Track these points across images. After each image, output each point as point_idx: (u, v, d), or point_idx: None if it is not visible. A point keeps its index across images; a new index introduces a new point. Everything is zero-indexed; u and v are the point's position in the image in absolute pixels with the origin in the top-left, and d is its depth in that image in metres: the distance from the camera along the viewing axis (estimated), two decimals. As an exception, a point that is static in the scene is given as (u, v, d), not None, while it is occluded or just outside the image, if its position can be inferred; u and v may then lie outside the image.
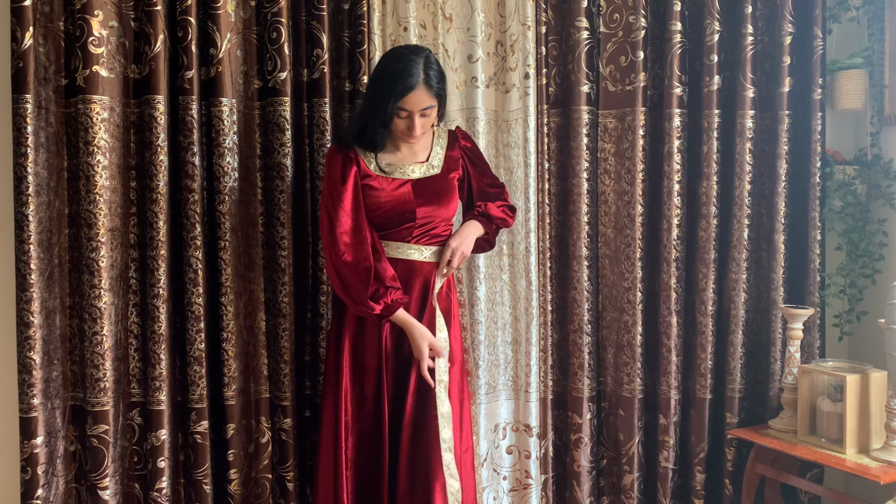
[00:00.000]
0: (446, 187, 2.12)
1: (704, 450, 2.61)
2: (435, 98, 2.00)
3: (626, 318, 2.59)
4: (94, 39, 2.12)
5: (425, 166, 2.12)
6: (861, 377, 2.28)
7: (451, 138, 2.20)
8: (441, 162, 2.14)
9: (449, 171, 2.14)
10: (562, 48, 2.57)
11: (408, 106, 1.96)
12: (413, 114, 1.98)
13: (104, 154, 2.15)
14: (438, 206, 2.09)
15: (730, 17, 2.56)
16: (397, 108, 1.97)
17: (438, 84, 2.00)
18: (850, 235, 2.60)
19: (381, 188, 2.05)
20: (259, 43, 2.32)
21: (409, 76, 1.94)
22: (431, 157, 2.14)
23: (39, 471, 2.14)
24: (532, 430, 2.53)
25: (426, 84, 1.96)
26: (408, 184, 2.08)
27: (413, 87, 1.94)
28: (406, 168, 2.09)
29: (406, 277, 2.06)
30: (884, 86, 2.58)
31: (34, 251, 2.09)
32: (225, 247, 2.25)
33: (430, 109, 2.00)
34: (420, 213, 2.06)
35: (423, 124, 2.02)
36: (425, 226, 2.08)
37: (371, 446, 2.06)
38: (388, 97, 1.95)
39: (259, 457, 2.37)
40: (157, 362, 2.21)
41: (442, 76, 2.03)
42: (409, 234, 2.07)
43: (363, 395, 2.07)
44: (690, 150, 2.61)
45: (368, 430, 2.07)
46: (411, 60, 1.95)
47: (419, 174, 2.10)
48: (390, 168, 2.08)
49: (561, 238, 2.61)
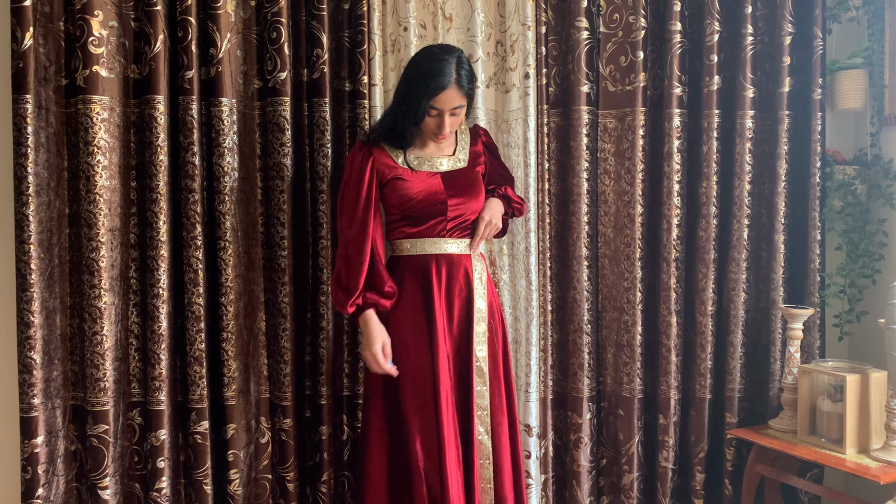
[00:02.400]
0: (474, 179, 2.17)
1: (704, 450, 2.61)
2: (465, 98, 2.03)
3: (626, 318, 2.59)
4: (94, 39, 2.12)
5: (452, 160, 2.16)
6: (861, 377, 2.28)
7: (473, 134, 2.26)
8: (467, 156, 2.19)
9: (475, 165, 2.20)
10: (562, 48, 2.57)
11: (439, 105, 2.00)
12: (444, 112, 2.01)
13: (104, 154, 2.15)
14: (468, 197, 2.12)
15: (730, 17, 2.56)
16: (429, 107, 2.00)
17: (469, 84, 2.03)
18: (850, 235, 2.60)
19: (411, 181, 2.08)
20: (259, 43, 2.32)
21: (442, 75, 1.97)
22: (457, 152, 2.19)
23: (40, 470, 2.14)
24: (532, 430, 2.53)
25: (458, 84, 1.99)
26: (437, 176, 2.12)
27: (445, 87, 1.97)
28: (434, 161, 2.14)
29: (449, 272, 2.10)
30: (884, 86, 2.58)
31: (34, 251, 2.09)
32: (225, 247, 2.26)
33: (460, 109, 2.04)
34: (451, 204, 2.09)
35: (453, 123, 2.06)
36: (457, 218, 2.11)
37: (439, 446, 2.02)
38: (421, 96, 1.98)
39: (259, 457, 2.37)
40: (157, 362, 2.21)
41: (473, 76, 2.06)
42: (443, 228, 2.10)
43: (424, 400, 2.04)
44: (690, 150, 2.61)
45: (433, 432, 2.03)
46: (444, 60, 1.98)
47: (447, 167, 2.15)
48: (419, 162, 2.12)
49: (561, 238, 2.61)
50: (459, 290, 2.11)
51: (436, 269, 2.09)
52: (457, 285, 2.10)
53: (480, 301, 2.13)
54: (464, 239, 2.14)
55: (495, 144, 2.33)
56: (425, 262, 2.10)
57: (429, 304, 2.07)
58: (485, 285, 2.16)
